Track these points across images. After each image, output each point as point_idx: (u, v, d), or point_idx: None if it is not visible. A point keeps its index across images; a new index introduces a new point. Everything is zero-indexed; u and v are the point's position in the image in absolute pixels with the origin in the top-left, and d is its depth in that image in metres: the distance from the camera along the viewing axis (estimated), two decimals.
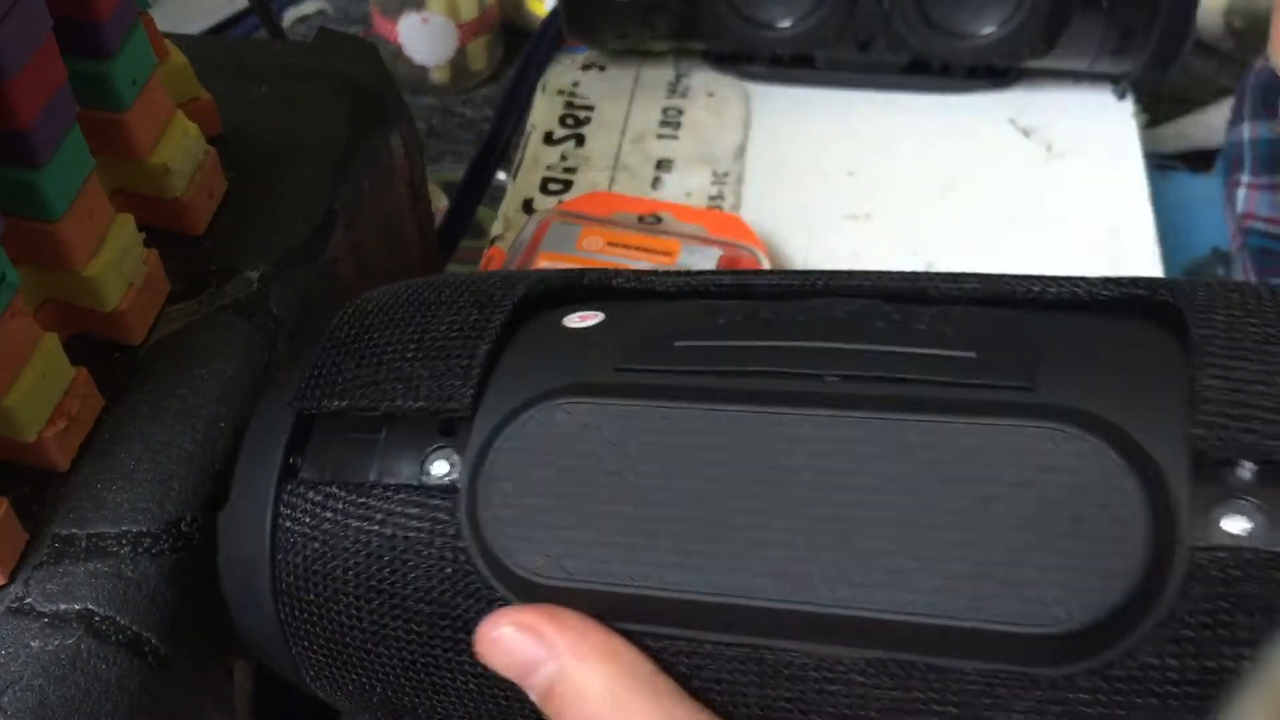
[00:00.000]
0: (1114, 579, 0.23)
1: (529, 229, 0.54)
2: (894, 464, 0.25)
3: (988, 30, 0.59)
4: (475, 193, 0.64)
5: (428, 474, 0.29)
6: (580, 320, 0.30)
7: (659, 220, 0.55)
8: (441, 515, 0.28)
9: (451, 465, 0.29)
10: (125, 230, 0.34)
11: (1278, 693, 0.18)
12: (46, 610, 0.29)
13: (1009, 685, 0.24)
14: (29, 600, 0.29)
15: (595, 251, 0.53)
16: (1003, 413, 0.25)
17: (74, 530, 0.31)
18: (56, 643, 0.28)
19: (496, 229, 0.58)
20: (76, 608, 0.29)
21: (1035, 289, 0.29)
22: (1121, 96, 0.62)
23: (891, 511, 0.25)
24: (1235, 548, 0.23)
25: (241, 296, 0.36)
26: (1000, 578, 0.24)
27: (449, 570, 0.28)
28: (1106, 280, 0.28)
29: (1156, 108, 0.70)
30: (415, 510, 0.28)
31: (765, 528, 0.25)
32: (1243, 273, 0.59)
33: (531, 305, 0.32)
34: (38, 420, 0.31)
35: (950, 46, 0.60)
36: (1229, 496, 0.24)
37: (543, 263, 0.52)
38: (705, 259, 0.52)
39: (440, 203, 0.66)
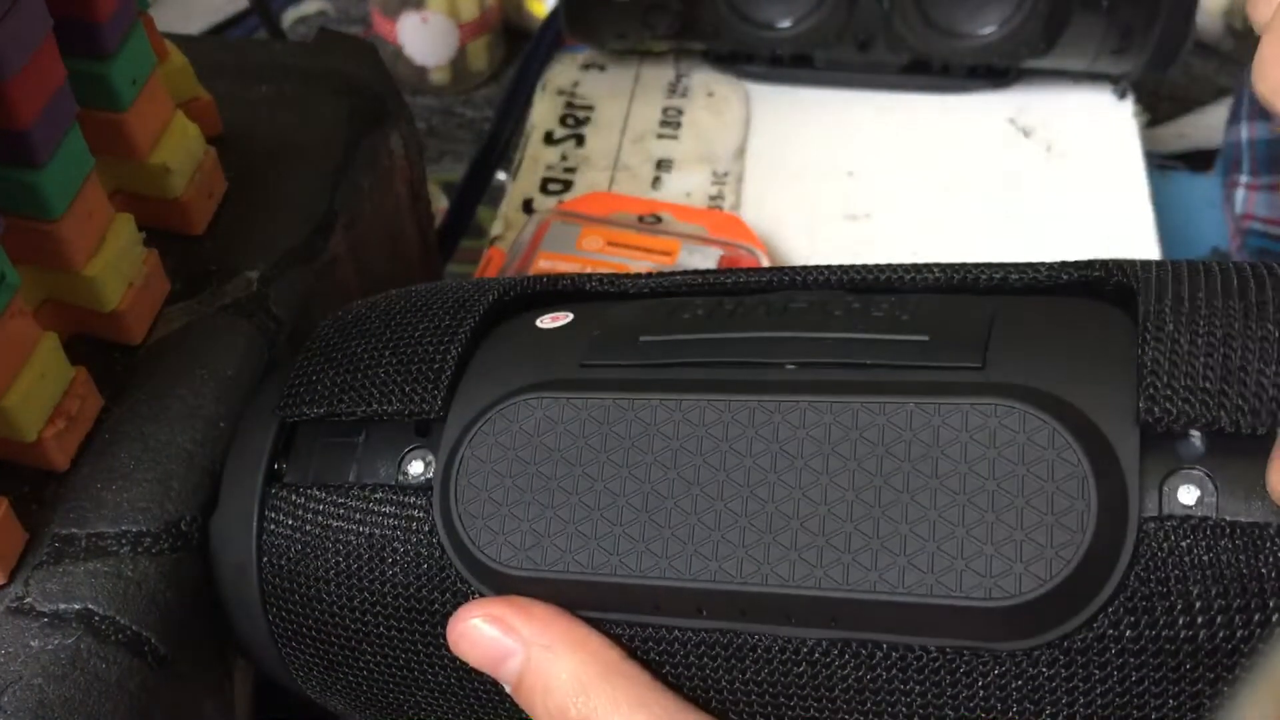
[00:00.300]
0: (1063, 551, 0.24)
1: (529, 229, 0.54)
2: (847, 445, 0.25)
3: (987, 30, 0.59)
4: (475, 193, 0.64)
5: (404, 474, 0.30)
6: (551, 321, 0.31)
7: (659, 220, 0.56)
8: (417, 513, 0.29)
9: (426, 464, 0.29)
10: (125, 230, 0.34)
11: (1278, 692, 0.19)
12: (46, 610, 0.29)
13: (970, 662, 0.25)
14: (29, 600, 0.29)
15: (595, 251, 0.53)
16: (952, 392, 0.25)
17: (74, 530, 0.31)
18: (56, 642, 0.28)
19: (496, 229, 0.58)
20: (76, 607, 0.29)
21: (997, 276, 0.29)
22: (1121, 96, 0.62)
23: (847, 491, 0.25)
24: (1185, 517, 0.24)
25: (241, 296, 0.36)
26: (953, 552, 0.24)
27: (425, 566, 0.29)
28: (1065, 264, 0.29)
29: (1156, 108, 0.70)
30: (391, 509, 0.29)
31: (725, 512, 0.26)
32: None
33: (505, 309, 0.32)
34: (37, 420, 0.31)
35: (950, 46, 0.60)
36: (1179, 467, 0.24)
37: (543, 263, 0.52)
38: (705, 259, 0.52)
39: (440, 203, 0.66)
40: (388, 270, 0.45)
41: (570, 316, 0.31)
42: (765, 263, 0.52)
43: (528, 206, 0.59)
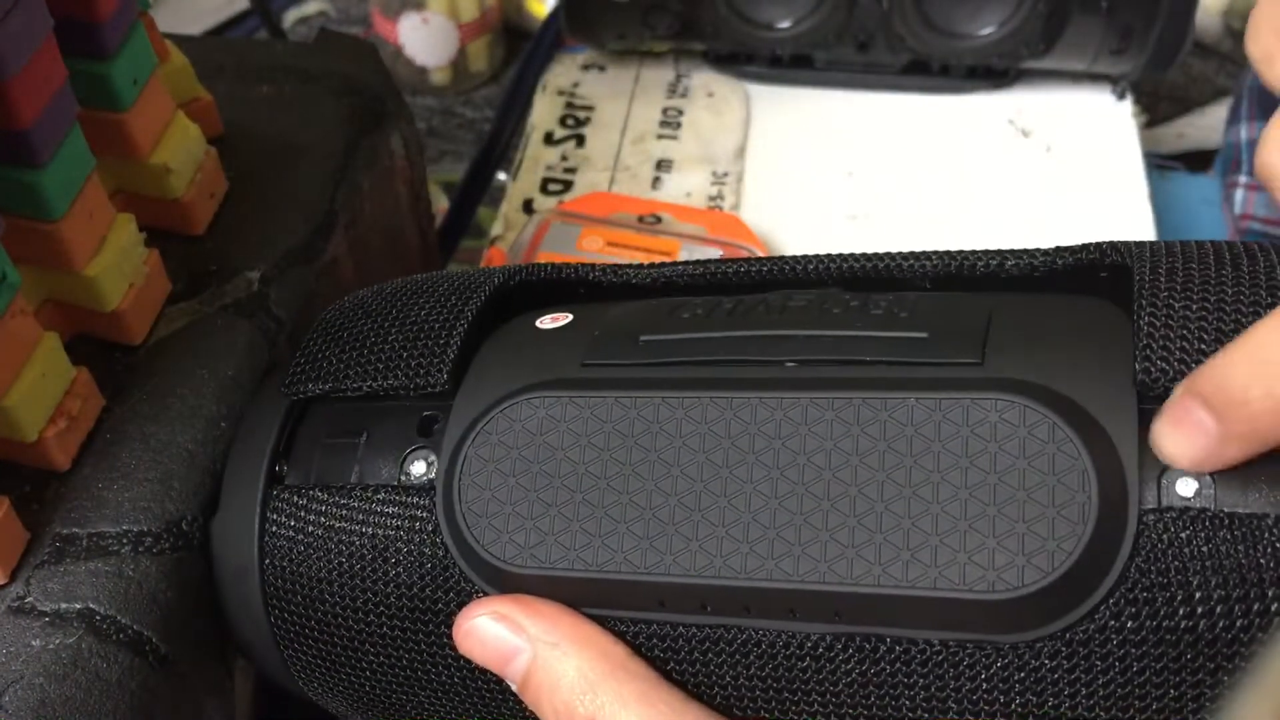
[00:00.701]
0: (1064, 543, 0.24)
1: (529, 229, 0.54)
2: (849, 441, 0.26)
3: (987, 31, 0.59)
4: (475, 193, 0.64)
5: (406, 474, 0.30)
6: (551, 321, 0.31)
7: (659, 220, 0.56)
8: (420, 513, 0.29)
9: (429, 465, 0.29)
10: (126, 230, 0.34)
11: (1278, 693, 0.19)
12: (47, 609, 0.29)
13: (972, 655, 0.25)
14: (30, 599, 0.29)
15: (595, 252, 0.53)
16: (952, 387, 0.25)
17: (75, 529, 0.31)
18: (57, 641, 0.29)
19: (496, 229, 0.58)
20: (77, 607, 0.29)
21: (993, 263, 0.29)
22: (1121, 97, 0.62)
23: (849, 486, 0.25)
24: (1184, 509, 0.24)
25: (242, 296, 0.36)
26: (955, 546, 0.24)
27: (428, 565, 0.29)
28: (1060, 249, 0.29)
29: (1155, 108, 0.70)
30: (394, 509, 0.29)
31: (729, 508, 0.26)
32: None
33: (511, 294, 0.32)
34: (38, 420, 0.31)
35: (949, 47, 0.60)
36: None
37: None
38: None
39: (440, 203, 0.66)
40: (388, 270, 0.45)
41: (570, 317, 0.31)
42: None
43: (528, 207, 0.59)
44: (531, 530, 0.27)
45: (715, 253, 0.53)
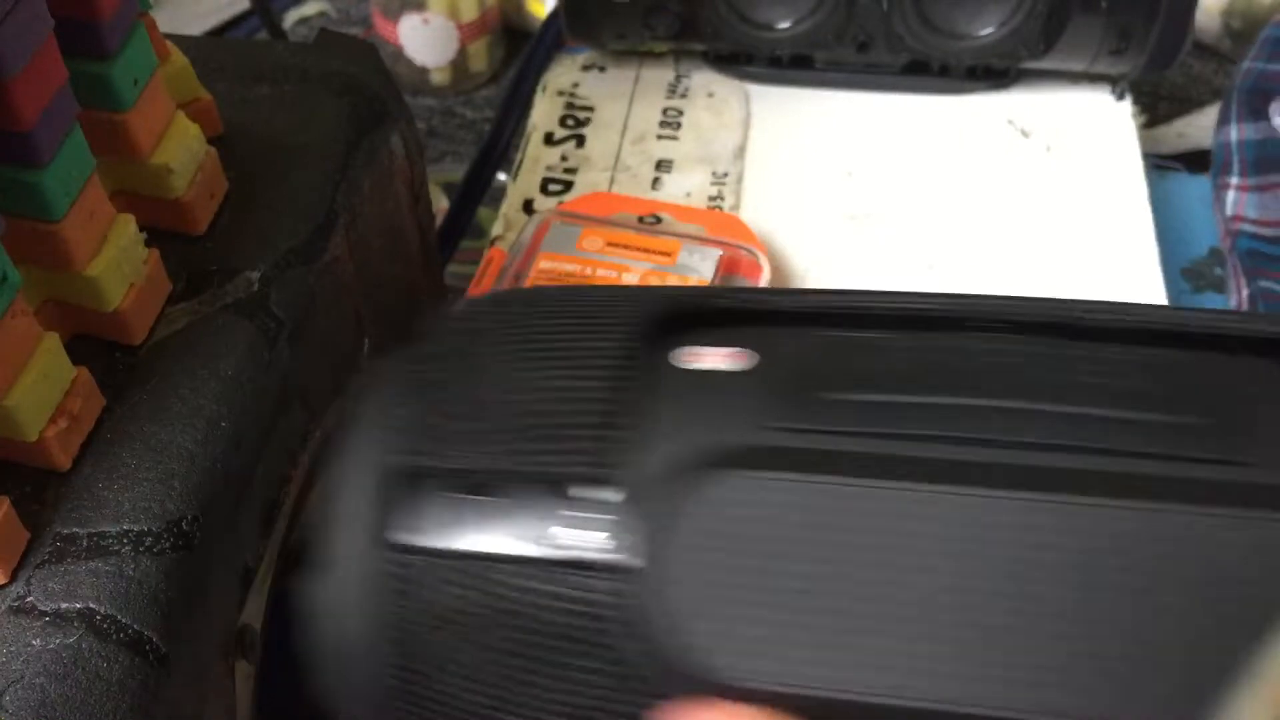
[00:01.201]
0: None
1: (529, 229, 0.54)
2: (1110, 555, 0.22)
3: (986, 31, 0.59)
4: (475, 193, 0.64)
5: (562, 544, 0.25)
6: (719, 361, 0.27)
7: (659, 221, 0.56)
8: (592, 595, 0.24)
9: (594, 535, 0.25)
10: (126, 230, 0.34)
11: (1277, 692, 0.18)
12: (48, 609, 0.29)
13: None
14: (30, 599, 0.29)
15: (595, 252, 0.53)
16: (1223, 499, 0.21)
17: (75, 529, 0.31)
18: (58, 641, 0.29)
19: (496, 229, 0.58)
20: (78, 606, 0.29)
21: (1210, 325, 0.25)
22: (1120, 97, 0.63)
23: (1114, 611, 0.22)
24: None
25: (242, 296, 0.36)
26: (1219, 695, 0.20)
27: (602, 662, 0.24)
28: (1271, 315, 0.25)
29: (1155, 108, 0.70)
30: (573, 590, 0.24)
31: (978, 626, 0.22)
32: (1233, 275, 0.59)
33: (663, 327, 0.28)
34: (39, 420, 0.31)
35: (949, 47, 0.60)
36: None
37: (543, 264, 0.52)
38: (705, 259, 0.52)
39: (440, 203, 0.66)
40: (388, 270, 0.45)
41: (739, 354, 0.27)
42: (764, 263, 0.52)
43: (528, 207, 0.59)
44: (739, 634, 0.23)
45: (715, 252, 0.53)
